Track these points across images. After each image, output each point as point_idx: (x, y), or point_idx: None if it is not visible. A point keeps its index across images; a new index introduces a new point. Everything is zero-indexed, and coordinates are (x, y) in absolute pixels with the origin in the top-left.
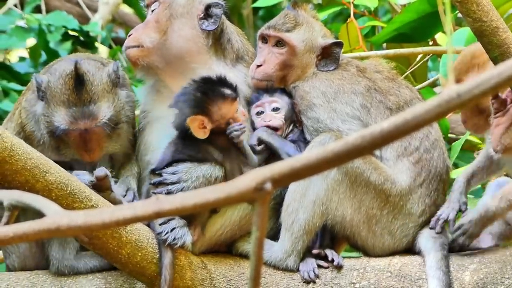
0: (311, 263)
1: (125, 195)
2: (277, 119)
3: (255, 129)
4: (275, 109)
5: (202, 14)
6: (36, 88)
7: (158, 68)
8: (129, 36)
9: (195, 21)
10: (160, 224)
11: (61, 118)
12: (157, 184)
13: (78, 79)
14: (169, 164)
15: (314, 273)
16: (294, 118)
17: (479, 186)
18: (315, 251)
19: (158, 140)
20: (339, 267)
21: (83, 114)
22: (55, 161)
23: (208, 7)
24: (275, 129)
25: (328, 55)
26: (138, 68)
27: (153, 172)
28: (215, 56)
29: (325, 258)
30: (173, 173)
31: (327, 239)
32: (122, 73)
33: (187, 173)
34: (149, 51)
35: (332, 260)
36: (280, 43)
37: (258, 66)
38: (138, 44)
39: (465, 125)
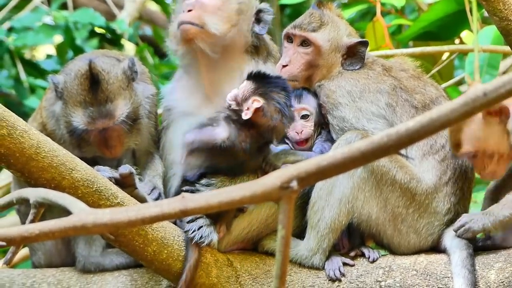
0: (336, 261)
1: (150, 194)
2: (308, 129)
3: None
4: (305, 117)
5: (254, 17)
6: (54, 89)
7: (203, 57)
8: (189, 11)
9: (250, 21)
10: (187, 222)
11: (79, 118)
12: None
13: (93, 79)
14: (203, 175)
15: (340, 271)
16: (322, 120)
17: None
18: (352, 254)
19: (183, 139)
20: (372, 261)
21: (100, 113)
22: (79, 158)
23: (259, 12)
24: (305, 139)
25: (353, 54)
26: (188, 47)
27: (186, 180)
28: (249, 54)
29: (362, 255)
30: (207, 185)
31: (357, 237)
32: (140, 68)
33: (221, 187)
34: (209, 36)
35: (369, 257)
36: (305, 42)
37: (284, 66)
38: (201, 24)
39: (482, 175)
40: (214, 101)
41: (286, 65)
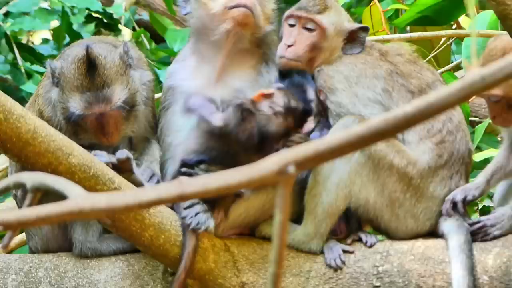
0: (336, 250)
1: (149, 181)
2: (309, 123)
3: None
4: None
5: None
6: (50, 75)
7: (232, 42)
8: None
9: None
10: (184, 209)
11: (76, 103)
12: (186, 174)
13: (90, 64)
14: (202, 161)
15: (341, 259)
16: (321, 108)
17: None
18: (349, 241)
19: (183, 120)
20: (369, 246)
21: (97, 98)
22: None
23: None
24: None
25: (353, 40)
26: (233, 30)
27: (185, 163)
28: (261, 44)
29: (359, 241)
30: (206, 171)
31: (355, 223)
32: (137, 54)
33: None
34: (256, 28)
35: (366, 242)
36: (310, 25)
37: (289, 46)
38: (257, 14)
39: (494, 120)
40: (220, 85)
41: (291, 45)
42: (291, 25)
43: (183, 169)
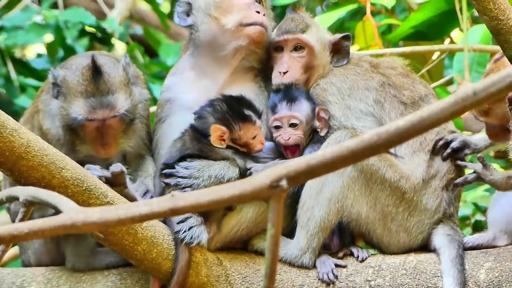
0: (329, 264)
1: (143, 197)
2: (295, 136)
3: (273, 137)
4: (293, 125)
5: None
6: (51, 83)
7: (239, 58)
8: (262, 15)
9: None
10: (177, 223)
11: (79, 108)
12: (167, 175)
13: (96, 70)
14: (183, 158)
15: (333, 274)
16: (317, 125)
17: None
18: (340, 254)
19: (178, 133)
20: (361, 261)
21: (102, 104)
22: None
23: None
24: (294, 145)
25: (338, 50)
26: (247, 47)
27: (166, 164)
28: (259, 64)
29: (351, 255)
30: (186, 168)
31: (348, 236)
32: (135, 72)
33: (199, 170)
34: (265, 46)
35: (358, 257)
36: (298, 46)
37: (284, 73)
38: (268, 32)
39: (490, 138)
40: None
41: (286, 72)
42: (278, 51)
43: (165, 171)
